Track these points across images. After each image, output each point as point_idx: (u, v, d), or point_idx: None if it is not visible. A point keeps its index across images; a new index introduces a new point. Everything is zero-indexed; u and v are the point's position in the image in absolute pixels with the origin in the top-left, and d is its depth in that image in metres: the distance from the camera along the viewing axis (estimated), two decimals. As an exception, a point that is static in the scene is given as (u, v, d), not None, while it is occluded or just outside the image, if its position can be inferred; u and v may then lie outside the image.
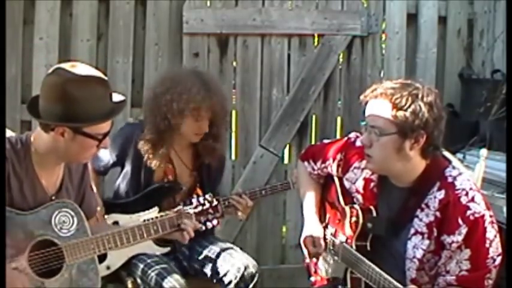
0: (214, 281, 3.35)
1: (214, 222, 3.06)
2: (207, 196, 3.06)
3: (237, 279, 3.26)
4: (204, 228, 3.06)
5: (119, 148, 3.43)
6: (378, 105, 2.59)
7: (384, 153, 2.59)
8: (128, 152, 3.42)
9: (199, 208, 3.02)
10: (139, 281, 3.27)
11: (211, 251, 3.42)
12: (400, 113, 2.53)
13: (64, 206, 2.66)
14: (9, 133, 2.82)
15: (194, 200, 3.04)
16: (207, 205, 3.04)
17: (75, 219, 2.67)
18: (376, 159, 2.62)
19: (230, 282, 3.28)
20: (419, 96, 2.55)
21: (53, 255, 2.59)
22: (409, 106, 2.53)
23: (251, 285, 3.28)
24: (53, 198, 2.66)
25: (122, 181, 3.49)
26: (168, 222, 2.86)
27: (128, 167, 3.44)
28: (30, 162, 2.61)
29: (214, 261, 3.37)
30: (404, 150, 2.56)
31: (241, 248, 3.50)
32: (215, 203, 3.06)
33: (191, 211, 2.98)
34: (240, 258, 3.33)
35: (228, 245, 3.47)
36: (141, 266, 3.27)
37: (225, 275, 3.30)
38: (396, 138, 2.55)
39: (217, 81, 3.50)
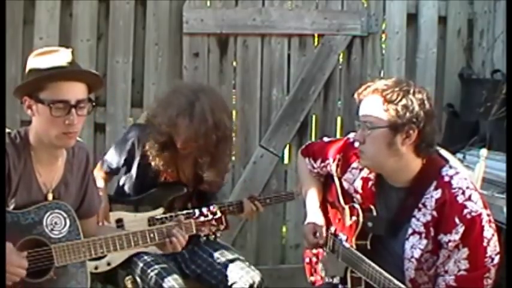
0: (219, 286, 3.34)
1: (218, 234, 3.01)
2: (211, 207, 2.99)
3: None
4: (205, 238, 3.03)
5: (126, 152, 3.43)
6: (370, 101, 2.62)
7: (375, 148, 2.60)
8: (134, 156, 3.42)
9: (202, 219, 2.93)
10: (138, 279, 3.27)
11: (214, 258, 3.40)
12: (391, 106, 2.55)
13: (57, 207, 2.63)
14: (6, 131, 2.82)
15: (197, 211, 2.97)
16: (210, 217, 2.96)
17: (68, 221, 2.64)
18: (368, 154, 2.63)
19: None
20: (411, 91, 2.57)
21: (41, 255, 2.56)
22: (400, 100, 2.55)
23: None
24: (50, 193, 2.65)
25: (126, 181, 3.49)
26: (166, 230, 2.79)
27: (133, 170, 3.44)
28: (28, 156, 2.60)
29: (218, 270, 3.35)
30: (395, 145, 2.57)
31: (241, 247, 3.51)
32: (219, 214, 2.98)
33: (192, 222, 2.90)
34: (245, 270, 3.31)
35: (235, 255, 3.44)
36: (141, 264, 3.27)
37: (230, 286, 3.29)
38: (387, 132, 2.56)
39: (211, 112, 3.28)
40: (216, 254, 3.42)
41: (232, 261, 3.37)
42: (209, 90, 3.47)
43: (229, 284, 3.29)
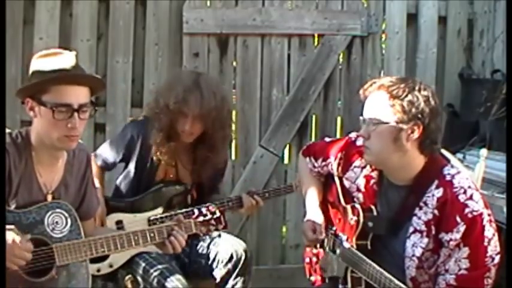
0: (208, 264, 3.37)
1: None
2: (210, 207, 2.99)
3: (226, 260, 3.30)
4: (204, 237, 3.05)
5: (124, 147, 3.43)
6: (376, 97, 2.62)
7: (381, 143, 2.60)
8: (133, 151, 3.42)
9: (201, 218, 2.94)
10: (140, 279, 3.26)
11: (205, 241, 3.44)
12: (397, 102, 2.56)
13: (58, 206, 2.64)
14: (7, 131, 2.81)
15: (196, 210, 2.97)
16: (209, 216, 2.96)
17: (69, 220, 2.65)
18: (373, 150, 2.64)
19: (218, 263, 3.32)
20: (416, 88, 2.58)
21: (43, 255, 2.57)
22: (406, 96, 2.56)
23: (239, 265, 3.31)
24: (50, 194, 2.65)
25: (123, 179, 3.49)
26: (166, 229, 2.80)
27: (131, 166, 3.45)
28: (29, 156, 2.61)
29: (206, 249, 3.40)
30: (400, 140, 2.57)
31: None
32: (218, 214, 2.98)
33: (192, 221, 2.91)
34: (229, 241, 3.36)
35: (218, 232, 3.44)
36: (143, 264, 3.27)
37: (214, 259, 3.33)
38: (393, 127, 2.57)
39: (216, 88, 3.42)
40: (204, 238, 3.44)
41: (218, 236, 3.40)
42: (206, 74, 3.67)
43: (212, 256, 3.34)
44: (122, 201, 3.44)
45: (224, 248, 3.34)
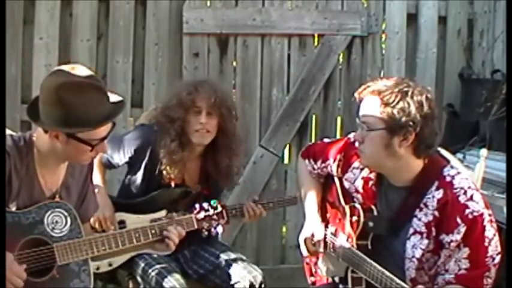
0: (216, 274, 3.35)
1: (219, 229, 2.99)
2: (211, 202, 2.99)
3: None
4: (207, 233, 3.03)
5: (133, 151, 3.37)
6: (369, 102, 2.62)
7: (373, 149, 2.60)
8: (143, 156, 3.37)
9: (202, 214, 2.95)
10: (139, 279, 3.26)
11: (218, 258, 3.38)
12: (388, 109, 2.55)
13: (57, 206, 2.64)
14: (9, 133, 2.81)
15: (197, 205, 2.97)
16: (211, 211, 2.96)
17: (69, 219, 2.64)
18: (367, 154, 2.65)
19: None
20: (409, 93, 2.56)
21: (42, 254, 2.56)
22: (397, 103, 2.54)
23: None
24: (52, 197, 2.65)
25: (130, 182, 3.44)
26: (164, 227, 2.80)
27: (140, 172, 3.39)
28: (31, 160, 2.60)
29: (222, 270, 3.34)
30: (392, 146, 2.57)
31: (241, 247, 3.47)
32: (220, 209, 2.98)
33: (193, 217, 2.92)
34: (250, 270, 3.30)
35: (237, 254, 3.43)
36: (142, 264, 3.26)
37: (233, 285, 3.28)
38: (384, 134, 2.57)
39: (224, 89, 3.45)
40: (221, 254, 3.40)
41: (235, 260, 3.36)
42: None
43: (231, 283, 3.29)
44: (125, 201, 3.42)
45: (245, 277, 3.26)
